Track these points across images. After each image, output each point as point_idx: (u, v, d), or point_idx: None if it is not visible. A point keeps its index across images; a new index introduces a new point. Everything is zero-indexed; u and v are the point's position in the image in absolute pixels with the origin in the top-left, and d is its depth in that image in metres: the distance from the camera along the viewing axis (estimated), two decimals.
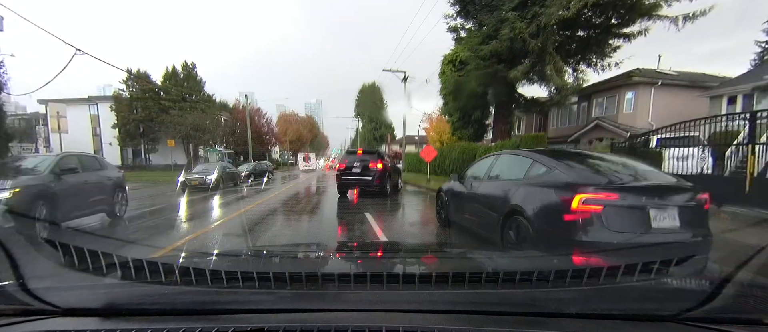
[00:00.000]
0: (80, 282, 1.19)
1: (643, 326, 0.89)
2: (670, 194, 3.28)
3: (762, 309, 0.96)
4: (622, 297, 1.06)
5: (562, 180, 3.51)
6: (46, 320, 0.92)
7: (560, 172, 3.63)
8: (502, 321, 0.89)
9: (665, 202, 3.18)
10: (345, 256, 1.96)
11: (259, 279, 1.08)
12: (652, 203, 3.12)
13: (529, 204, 3.66)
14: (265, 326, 0.84)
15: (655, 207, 3.10)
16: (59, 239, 1.28)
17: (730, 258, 3.21)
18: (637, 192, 3.25)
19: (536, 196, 3.67)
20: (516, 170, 4.33)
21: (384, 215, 7.76)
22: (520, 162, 4.37)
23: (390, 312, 0.94)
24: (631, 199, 3.15)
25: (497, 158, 5.02)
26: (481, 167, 5.27)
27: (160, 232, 6.30)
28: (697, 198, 3.29)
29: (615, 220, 3.06)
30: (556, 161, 3.84)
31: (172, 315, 0.95)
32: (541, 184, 3.72)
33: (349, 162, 11.01)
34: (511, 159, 4.71)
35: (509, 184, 4.23)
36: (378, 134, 50.75)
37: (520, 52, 13.33)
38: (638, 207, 3.11)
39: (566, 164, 3.73)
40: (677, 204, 3.18)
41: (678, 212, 3.14)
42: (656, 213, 3.08)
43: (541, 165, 3.94)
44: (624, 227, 3.07)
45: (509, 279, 1.09)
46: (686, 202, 3.23)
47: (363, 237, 5.71)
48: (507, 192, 4.10)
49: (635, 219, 3.10)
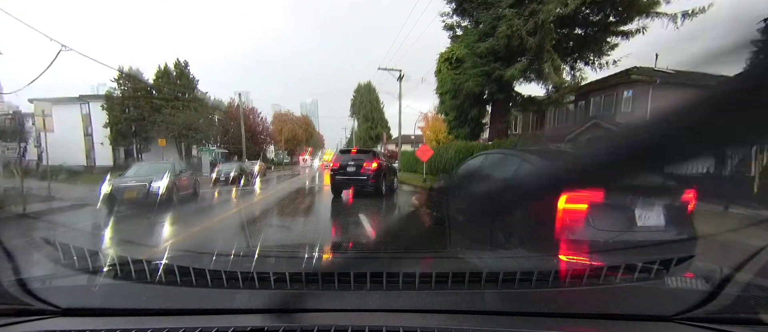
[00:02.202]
0: (80, 282, 1.20)
1: (643, 326, 0.90)
2: (655, 194, 3.31)
3: (762, 309, 0.95)
4: (621, 297, 1.06)
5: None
6: (46, 320, 0.93)
7: (551, 171, 3.41)
8: (502, 321, 0.89)
9: (650, 200, 3.22)
10: (345, 256, 1.98)
11: (259, 278, 1.08)
12: (638, 201, 3.17)
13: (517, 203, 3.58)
14: (265, 326, 0.84)
15: (640, 206, 3.16)
16: (60, 239, 1.26)
17: (730, 259, 3.22)
18: (624, 191, 3.18)
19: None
20: (505, 169, 4.37)
21: (378, 216, 7.53)
22: (509, 161, 4.43)
23: (390, 312, 0.93)
24: (617, 198, 3.15)
25: (487, 157, 5.09)
26: (472, 166, 5.35)
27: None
28: (681, 198, 3.35)
29: (600, 219, 3.11)
30: (544, 160, 3.88)
31: (172, 314, 0.94)
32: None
33: (343, 161, 10.53)
34: (501, 158, 4.75)
35: (498, 183, 4.26)
36: (374, 133, 50.54)
37: (517, 50, 13.17)
38: (623, 206, 3.17)
39: (555, 163, 3.61)
40: (662, 203, 3.25)
41: (663, 211, 3.21)
42: (641, 212, 3.15)
43: (529, 164, 3.96)
44: (609, 226, 3.13)
45: (509, 279, 1.09)
46: (671, 201, 3.31)
47: (358, 239, 5.63)
48: (496, 190, 3.92)
49: (620, 218, 3.17)
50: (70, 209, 9.39)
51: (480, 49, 13.60)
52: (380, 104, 53.26)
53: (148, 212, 8.36)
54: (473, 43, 14.00)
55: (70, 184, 17.88)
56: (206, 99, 36.48)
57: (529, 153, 4.24)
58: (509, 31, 12.25)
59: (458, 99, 17.06)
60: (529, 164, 3.96)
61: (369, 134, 50.78)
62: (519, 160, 4.17)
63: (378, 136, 49.31)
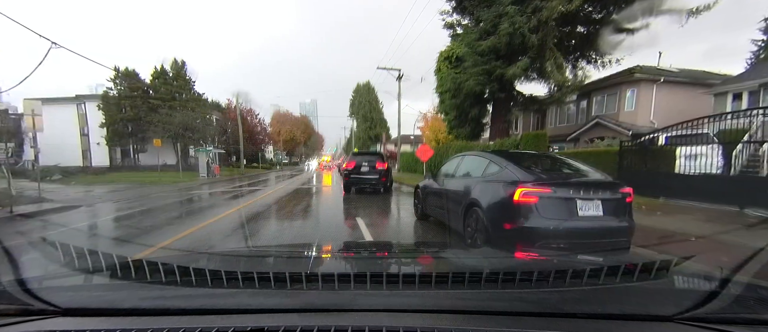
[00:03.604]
0: (80, 282, 1.20)
1: (644, 326, 0.89)
2: (595, 189, 3.80)
3: (762, 309, 0.96)
4: (622, 297, 1.06)
5: (508, 177, 4.04)
6: (46, 320, 0.92)
7: (509, 170, 4.19)
8: (502, 321, 0.89)
9: (590, 195, 3.70)
10: (345, 256, 1.97)
11: (259, 279, 1.08)
12: (579, 195, 3.66)
13: (484, 197, 4.24)
14: (265, 326, 0.84)
15: (582, 199, 3.65)
16: (59, 239, 1.27)
17: (730, 259, 3.35)
18: (567, 186, 3.77)
19: (489, 190, 4.26)
20: (476, 169, 4.90)
21: (378, 216, 7.46)
22: (480, 162, 4.92)
23: (390, 312, 0.93)
24: (562, 192, 3.68)
25: (463, 159, 5.60)
26: (450, 166, 5.89)
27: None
28: (619, 192, 3.84)
29: (548, 209, 3.61)
30: (506, 161, 4.42)
31: (172, 314, 0.94)
32: (494, 180, 4.31)
33: (357, 163, 12.27)
34: (474, 159, 5.22)
35: (470, 180, 4.81)
36: (373, 133, 50.29)
37: (518, 48, 12.92)
38: (567, 198, 3.65)
39: (514, 164, 4.26)
40: (601, 197, 3.72)
41: (601, 203, 3.70)
42: (582, 204, 3.65)
43: (495, 165, 4.53)
44: (555, 215, 3.61)
45: (509, 279, 1.09)
46: (610, 195, 3.78)
47: (357, 239, 5.53)
48: (468, 187, 4.69)
49: (564, 208, 3.64)
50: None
51: (481, 48, 13.35)
52: (379, 104, 53.06)
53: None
54: (474, 41, 13.74)
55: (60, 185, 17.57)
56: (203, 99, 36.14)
57: (495, 155, 4.81)
58: (511, 29, 11.99)
59: (458, 98, 16.80)
60: (495, 164, 4.53)
61: (368, 134, 50.51)
62: (487, 161, 4.72)
63: (377, 136, 49.05)
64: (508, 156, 4.73)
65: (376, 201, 10.05)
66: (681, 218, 6.29)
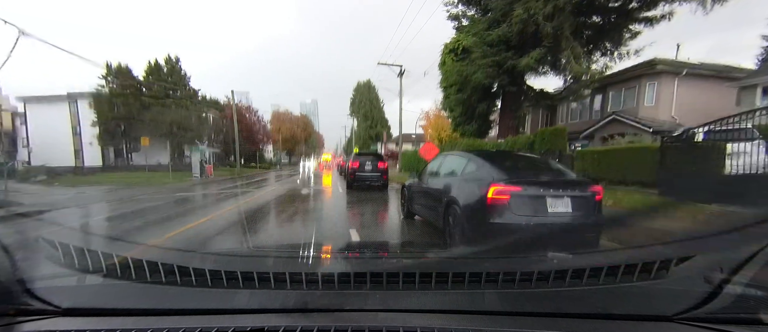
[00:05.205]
0: (80, 282, 1.19)
1: (643, 326, 0.89)
2: (565, 187, 3.94)
3: (762, 309, 0.94)
4: (622, 297, 1.06)
5: (483, 176, 4.19)
6: (46, 320, 0.92)
7: (484, 169, 4.36)
8: (502, 321, 0.89)
9: (560, 193, 3.84)
10: (345, 256, 1.97)
11: (259, 279, 1.08)
12: (549, 193, 3.80)
13: (461, 195, 4.42)
14: (265, 326, 0.84)
15: (551, 196, 3.79)
16: (59, 239, 1.24)
17: (729, 259, 2.72)
18: (537, 185, 3.90)
19: (466, 188, 4.43)
20: (456, 168, 5.05)
21: (378, 216, 7.36)
22: (459, 162, 5.09)
23: (390, 312, 0.93)
24: (532, 190, 3.81)
25: (445, 158, 5.86)
26: (434, 166, 6.09)
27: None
28: (589, 190, 3.98)
29: (519, 206, 3.75)
30: (483, 160, 4.62)
31: (172, 314, 0.93)
32: (471, 179, 4.47)
33: (361, 162, 14.02)
34: (454, 159, 5.39)
35: (450, 179, 4.98)
36: (374, 132, 49.28)
37: (531, 37, 11.90)
38: (537, 196, 3.79)
39: (490, 164, 4.44)
40: (570, 194, 3.87)
41: (570, 201, 3.84)
42: (552, 201, 3.79)
43: (473, 164, 4.70)
44: (526, 212, 3.74)
45: (509, 279, 1.09)
46: (579, 193, 3.92)
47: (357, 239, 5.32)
48: (448, 185, 4.86)
49: (535, 205, 3.77)
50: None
51: (490, 37, 12.37)
52: (380, 102, 52.06)
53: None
54: (483, 31, 12.76)
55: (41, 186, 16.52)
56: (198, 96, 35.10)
57: (474, 154, 5.00)
58: (525, 15, 10.92)
59: (465, 93, 15.74)
60: (472, 163, 4.70)
61: (369, 133, 49.53)
62: (466, 161, 4.90)
63: (378, 135, 48.02)
64: (485, 156, 4.95)
65: (374, 197, 11.05)
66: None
